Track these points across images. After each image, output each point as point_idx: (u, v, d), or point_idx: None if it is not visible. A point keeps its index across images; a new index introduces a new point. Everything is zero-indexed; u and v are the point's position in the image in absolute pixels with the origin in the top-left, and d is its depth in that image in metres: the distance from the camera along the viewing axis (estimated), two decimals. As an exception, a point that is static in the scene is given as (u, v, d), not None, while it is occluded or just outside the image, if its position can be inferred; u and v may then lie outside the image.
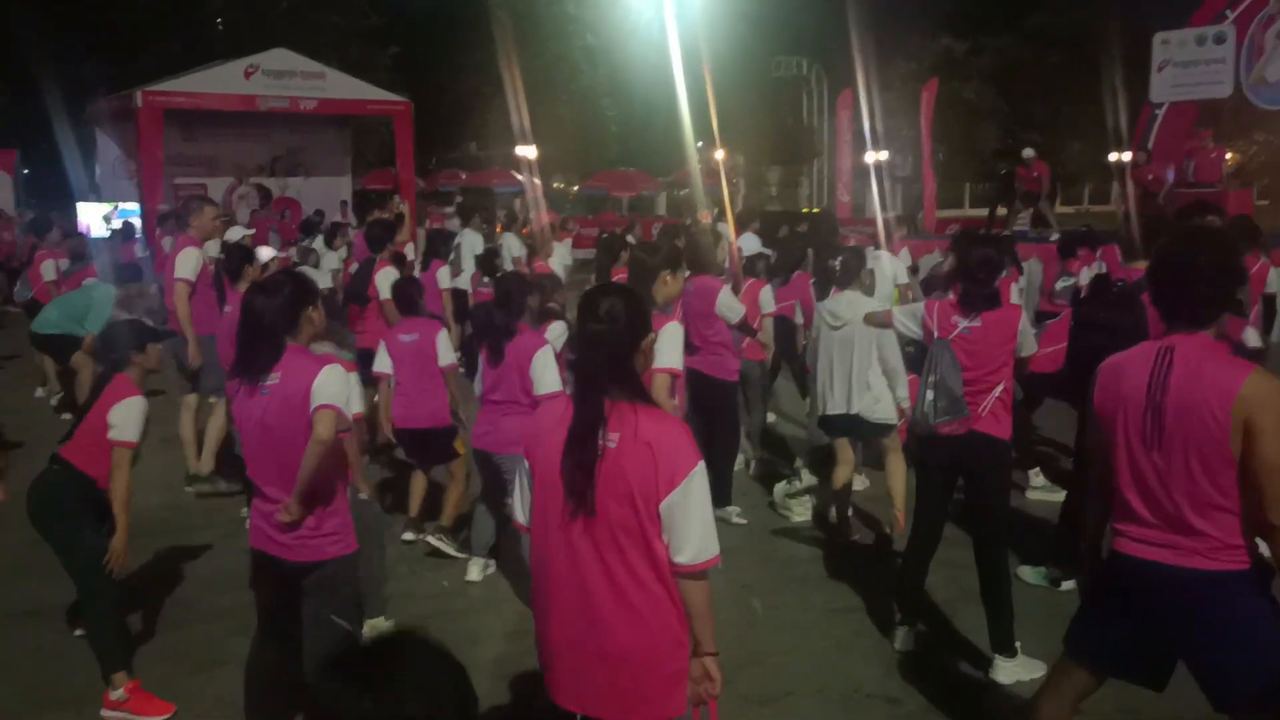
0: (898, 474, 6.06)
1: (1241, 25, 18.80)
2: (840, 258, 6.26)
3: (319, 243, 12.03)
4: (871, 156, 22.89)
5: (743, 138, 29.86)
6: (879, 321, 5.35)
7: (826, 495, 6.55)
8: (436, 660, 1.55)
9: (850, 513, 6.42)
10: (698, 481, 2.57)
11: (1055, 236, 13.83)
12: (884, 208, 19.57)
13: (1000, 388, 4.49)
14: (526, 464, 2.77)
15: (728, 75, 25.24)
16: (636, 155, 34.17)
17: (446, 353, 6.04)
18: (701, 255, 6.37)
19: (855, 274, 6.13)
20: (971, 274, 4.58)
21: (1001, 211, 19.76)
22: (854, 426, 6.03)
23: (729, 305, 6.33)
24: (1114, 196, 23.12)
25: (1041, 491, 6.88)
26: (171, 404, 7.62)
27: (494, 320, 5.49)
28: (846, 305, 5.95)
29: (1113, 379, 3.03)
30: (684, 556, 2.57)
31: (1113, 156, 21.61)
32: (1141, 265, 5.13)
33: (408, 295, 6.34)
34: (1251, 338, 5.56)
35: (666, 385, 4.37)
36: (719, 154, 27.39)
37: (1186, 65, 19.28)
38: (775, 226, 13.58)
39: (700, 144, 25.43)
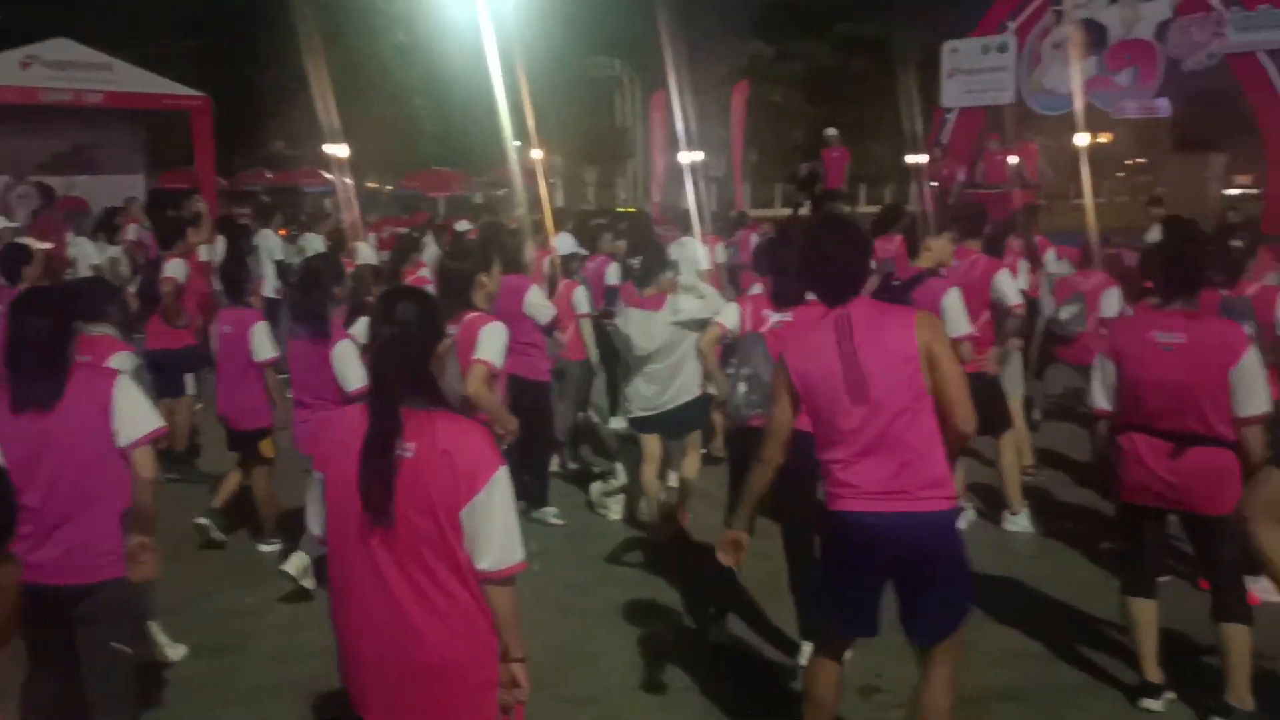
0: (692, 470, 6.18)
1: (1021, 36, 20.12)
2: (640, 257, 6.28)
3: (84, 241, 11.26)
4: (686, 157, 23.30)
5: (559, 138, 29.88)
6: (716, 338, 5.23)
7: (639, 493, 6.60)
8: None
9: (662, 508, 6.47)
10: (499, 487, 2.52)
11: None
12: (699, 207, 19.91)
13: None
14: (319, 475, 2.65)
15: (543, 75, 25.15)
16: (452, 155, 33.64)
17: (263, 347, 5.75)
18: (508, 255, 6.31)
19: (656, 274, 6.16)
20: (783, 270, 4.69)
21: (803, 210, 20.47)
22: (660, 424, 6.10)
23: (536, 304, 6.29)
24: (913, 196, 24.31)
25: None
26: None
27: (298, 306, 5.25)
28: (638, 320, 6.00)
29: (795, 354, 3.34)
30: (487, 563, 2.52)
31: (910, 158, 22.71)
32: (922, 263, 5.40)
33: (231, 277, 6.01)
34: None
35: (482, 375, 4.38)
36: (536, 154, 27.29)
37: (973, 73, 20.50)
38: (591, 227, 13.62)
39: (518, 144, 25.29)
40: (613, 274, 8.54)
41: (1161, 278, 4.13)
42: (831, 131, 19.67)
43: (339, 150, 21.89)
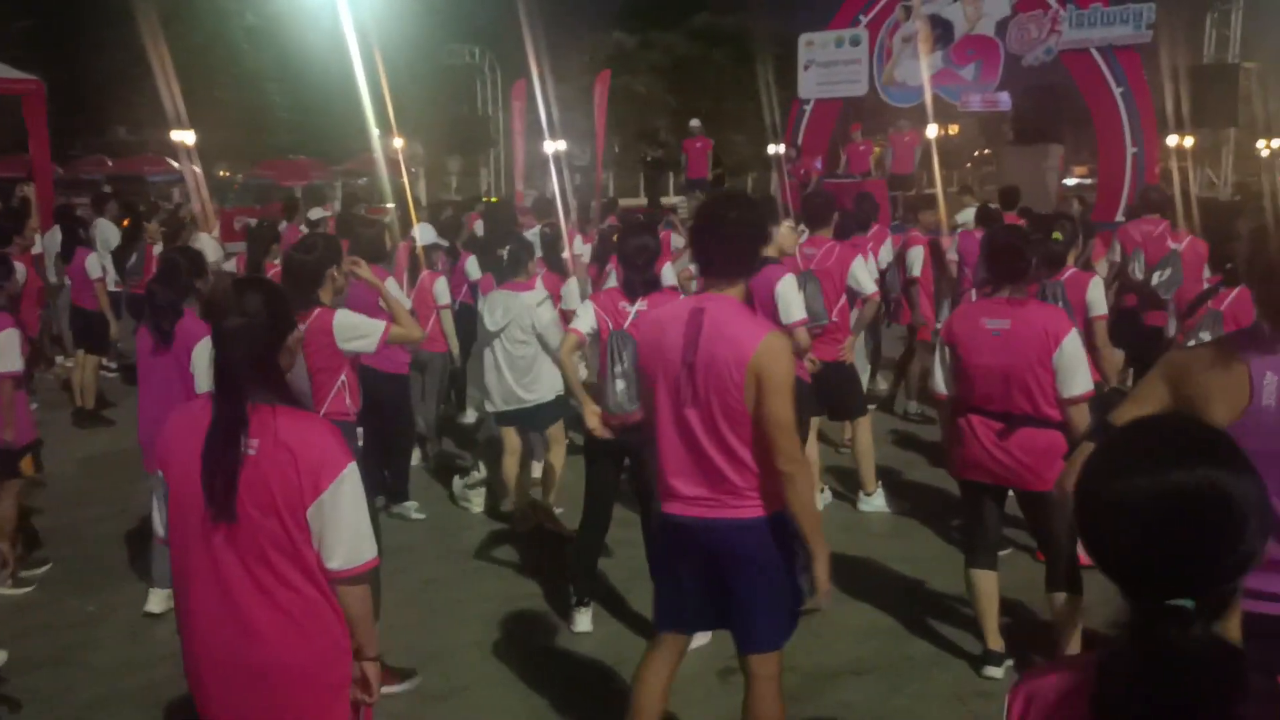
0: (558, 460, 6.19)
1: (873, 30, 20.70)
2: (508, 248, 6.28)
3: None
4: (550, 147, 23.21)
5: (420, 126, 29.35)
6: (574, 345, 5.22)
7: (501, 486, 6.57)
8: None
9: (521, 499, 6.45)
10: (347, 484, 2.46)
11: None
12: (563, 197, 19.89)
13: None
14: (162, 474, 2.56)
15: (402, 62, 24.69)
16: (308, 142, 32.68)
17: (3, 357, 5.14)
18: (363, 246, 6.18)
19: (523, 264, 6.18)
20: (630, 261, 4.71)
21: (672, 199, 20.72)
22: (520, 417, 6.08)
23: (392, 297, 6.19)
24: (773, 186, 24.80)
25: None
26: None
27: (155, 299, 5.00)
28: (503, 303, 5.99)
29: (650, 334, 3.23)
30: (337, 562, 2.47)
31: (771, 149, 23.15)
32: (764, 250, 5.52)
33: None
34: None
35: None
36: (397, 142, 26.76)
37: (828, 65, 21.01)
38: (451, 215, 13.46)
39: (378, 132, 24.75)
40: (473, 267, 8.50)
41: (988, 267, 4.32)
42: (695, 123, 19.94)
43: (185, 137, 21.04)
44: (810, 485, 3.10)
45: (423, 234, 9.10)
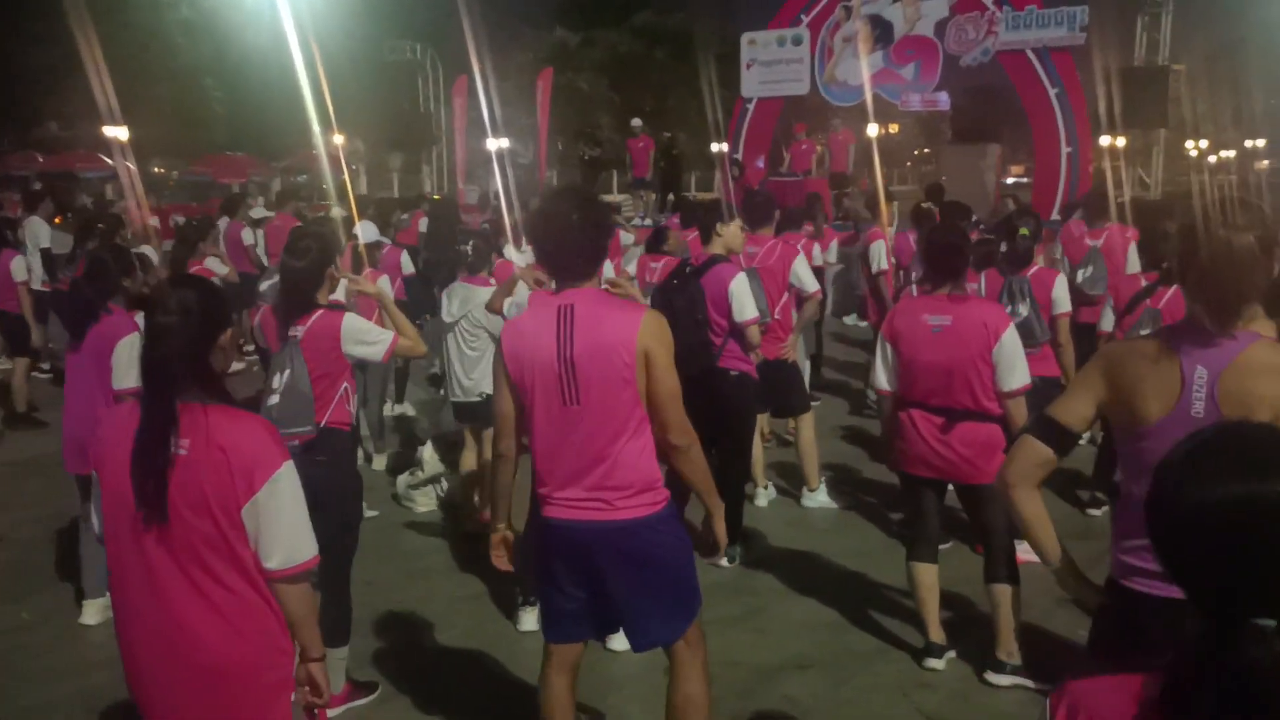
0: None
1: (814, 29, 20.89)
2: (472, 243, 6.27)
3: None
4: (493, 144, 23.08)
5: (361, 123, 29.03)
6: (493, 309, 5.37)
7: (454, 483, 6.54)
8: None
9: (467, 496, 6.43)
10: (284, 482, 2.44)
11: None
12: (507, 194, 19.79)
13: None
14: (96, 476, 2.52)
15: (341, 58, 24.39)
16: (246, 139, 32.17)
17: None
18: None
19: (487, 259, 6.18)
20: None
21: (616, 198, 20.72)
22: (471, 411, 6.06)
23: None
24: (716, 184, 24.91)
25: None
26: None
27: (78, 296, 4.87)
28: (461, 296, 5.97)
29: (515, 343, 3.08)
30: (275, 562, 2.45)
31: (714, 147, 23.25)
32: (713, 249, 5.55)
33: None
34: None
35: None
36: (338, 139, 26.43)
37: (770, 64, 21.18)
38: (392, 213, 13.37)
39: (318, 129, 24.44)
40: (406, 263, 8.51)
41: (927, 265, 4.39)
42: (637, 122, 20.03)
43: (119, 132, 20.60)
44: (699, 452, 3.13)
45: (365, 232, 9.04)
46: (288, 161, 30.33)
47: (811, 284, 6.41)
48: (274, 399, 3.89)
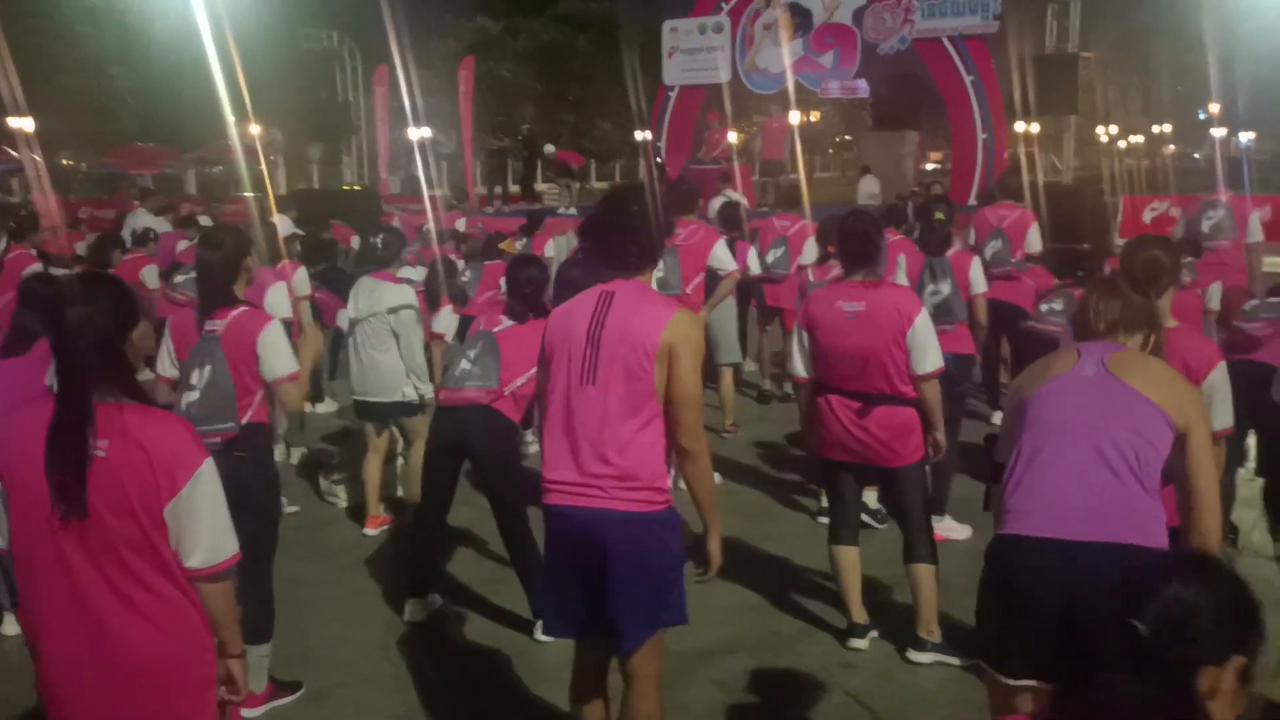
0: (417, 458, 6.14)
1: (735, 17, 21.00)
2: (381, 236, 6.19)
3: None
4: (415, 134, 22.80)
5: (278, 112, 28.45)
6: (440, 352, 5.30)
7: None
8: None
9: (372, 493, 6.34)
10: (205, 480, 2.41)
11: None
12: (430, 185, 19.61)
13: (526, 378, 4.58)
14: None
15: (255, 46, 23.86)
16: (158, 129, 31.33)
17: None
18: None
19: (397, 253, 6.12)
20: (517, 289, 4.78)
21: (541, 186, 20.69)
22: (378, 411, 6.01)
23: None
24: (641, 172, 24.94)
25: None
26: None
27: (16, 322, 4.71)
28: (368, 292, 5.90)
29: (555, 321, 3.17)
30: (197, 560, 2.41)
31: (638, 135, 23.26)
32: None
33: None
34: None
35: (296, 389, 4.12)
36: (254, 129, 25.88)
37: (692, 52, 21.25)
38: (314, 205, 13.19)
39: (233, 119, 23.93)
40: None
41: (840, 252, 4.46)
42: (550, 149, 20.18)
43: (24, 124, 19.95)
44: (708, 463, 3.12)
45: (283, 225, 8.89)
46: (202, 152, 29.62)
47: (729, 264, 6.59)
48: (193, 395, 3.80)
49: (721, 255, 6.55)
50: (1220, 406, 3.25)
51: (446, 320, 6.33)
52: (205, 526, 2.41)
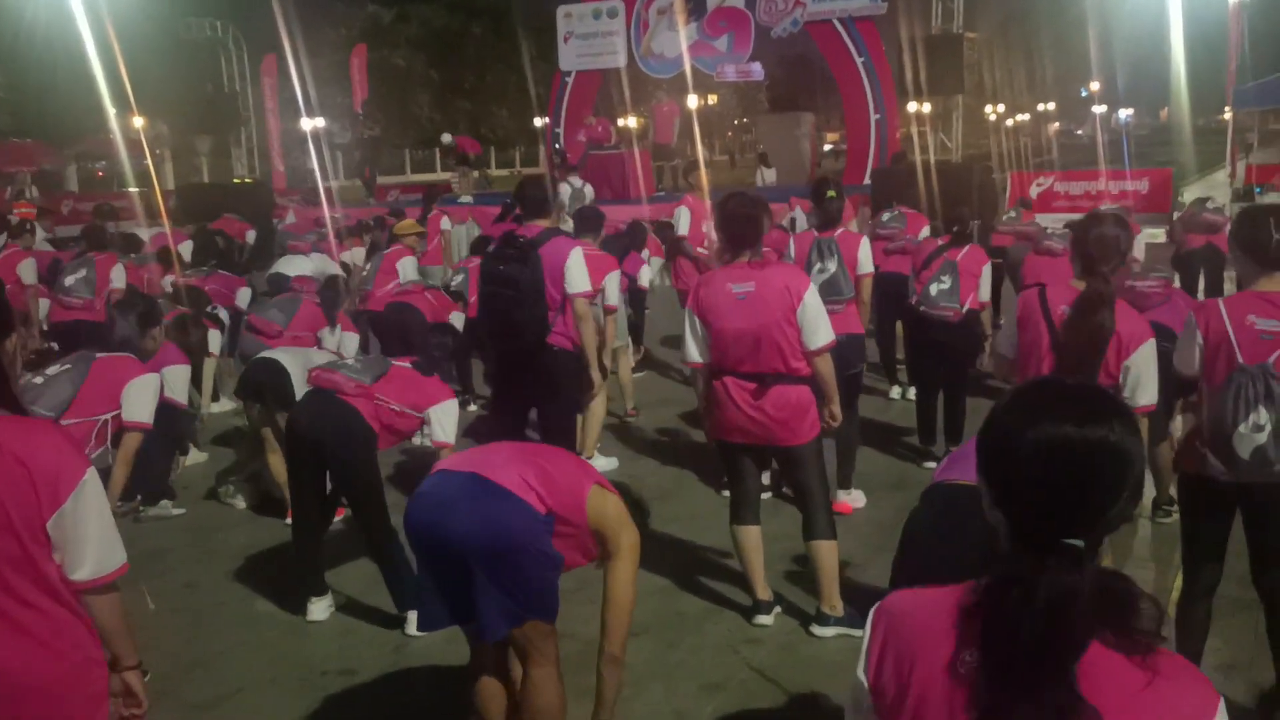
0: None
1: (629, 2, 20.96)
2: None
3: None
4: (308, 124, 22.31)
5: (162, 104, 27.55)
6: None
7: (268, 481, 6.32)
8: None
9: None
10: (89, 491, 2.30)
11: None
12: (324, 176, 19.21)
13: None
14: None
15: (135, 35, 23.01)
16: (32, 124, 30.00)
17: None
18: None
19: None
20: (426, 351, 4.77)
21: (453, 177, 20.46)
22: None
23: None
24: (542, 159, 24.80)
25: None
26: None
27: None
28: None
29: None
30: (83, 573, 2.31)
31: (537, 121, 23.12)
32: (541, 223, 5.54)
33: None
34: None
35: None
36: (137, 121, 25.04)
37: (587, 37, 21.15)
38: (204, 200, 12.82)
39: (114, 111, 23.07)
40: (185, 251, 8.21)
41: (724, 234, 4.48)
42: (447, 138, 19.99)
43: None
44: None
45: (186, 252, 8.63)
46: (81, 147, 28.50)
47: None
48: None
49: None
50: (1146, 384, 3.39)
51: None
52: (91, 539, 2.31)
